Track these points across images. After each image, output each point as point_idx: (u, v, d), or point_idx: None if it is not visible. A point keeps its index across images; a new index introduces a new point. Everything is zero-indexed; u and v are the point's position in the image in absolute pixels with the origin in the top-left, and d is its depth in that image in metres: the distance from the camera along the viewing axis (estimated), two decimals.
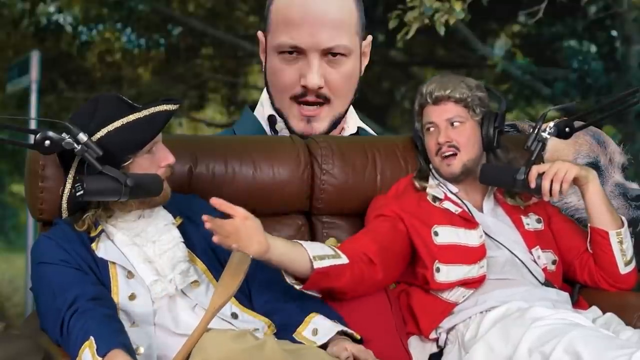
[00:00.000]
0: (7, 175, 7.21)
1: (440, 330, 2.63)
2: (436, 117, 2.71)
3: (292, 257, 2.41)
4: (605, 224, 2.68)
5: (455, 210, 2.70)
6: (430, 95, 2.72)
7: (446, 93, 2.70)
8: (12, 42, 7.10)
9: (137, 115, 2.35)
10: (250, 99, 6.60)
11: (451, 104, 2.70)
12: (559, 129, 2.70)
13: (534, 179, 2.62)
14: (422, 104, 2.75)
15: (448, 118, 2.70)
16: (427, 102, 2.73)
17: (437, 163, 2.74)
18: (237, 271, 2.29)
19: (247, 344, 2.11)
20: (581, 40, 7.09)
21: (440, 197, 2.73)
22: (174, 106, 2.39)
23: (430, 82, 2.76)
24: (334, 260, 2.46)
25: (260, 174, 2.83)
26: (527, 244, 2.72)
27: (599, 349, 2.24)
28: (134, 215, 2.42)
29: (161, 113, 2.36)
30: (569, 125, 2.71)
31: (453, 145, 2.69)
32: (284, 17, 3.12)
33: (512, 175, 2.65)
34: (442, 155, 2.71)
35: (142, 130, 2.33)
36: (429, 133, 2.74)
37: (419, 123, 2.79)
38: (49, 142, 2.28)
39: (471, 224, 2.68)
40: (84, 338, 2.17)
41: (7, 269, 6.86)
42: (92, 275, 2.34)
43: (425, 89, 2.74)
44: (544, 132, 2.67)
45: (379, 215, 2.70)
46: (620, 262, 2.69)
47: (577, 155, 3.27)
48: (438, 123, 2.71)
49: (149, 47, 7.34)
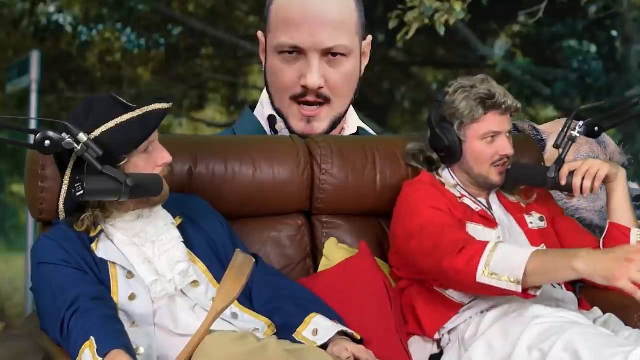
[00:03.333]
0: (7, 175, 7.22)
1: (444, 331, 2.62)
2: (501, 127, 2.67)
3: None
4: (628, 222, 2.69)
5: (475, 208, 2.70)
6: (504, 103, 2.64)
7: (514, 104, 2.66)
8: (12, 42, 7.10)
9: (131, 115, 2.34)
10: (250, 99, 6.60)
11: (508, 115, 2.69)
12: (588, 128, 2.72)
13: (565, 177, 2.64)
14: (487, 110, 2.65)
15: (509, 130, 2.69)
16: (496, 110, 2.65)
17: (486, 171, 2.69)
18: (240, 275, 2.27)
19: (250, 346, 2.11)
20: (581, 40, 7.10)
21: (458, 195, 2.72)
22: (167, 105, 2.38)
23: (490, 88, 2.64)
24: None
25: (260, 174, 2.83)
26: (531, 242, 2.71)
27: (597, 347, 2.24)
28: (134, 215, 2.42)
29: (155, 112, 2.36)
30: (599, 124, 2.73)
31: (509, 157, 2.70)
32: (284, 17, 3.12)
33: (543, 173, 2.67)
34: (496, 165, 2.69)
35: (136, 129, 2.33)
36: (487, 141, 2.67)
37: (463, 129, 2.67)
38: (49, 142, 2.27)
39: (491, 223, 2.68)
40: (85, 338, 2.17)
41: (7, 269, 6.86)
42: (92, 275, 2.34)
43: (497, 98, 2.63)
44: (574, 131, 2.68)
45: (436, 209, 2.60)
46: None
47: (577, 155, 3.27)
48: (502, 133, 2.68)
49: (149, 47, 7.35)
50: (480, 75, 2.72)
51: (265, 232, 2.86)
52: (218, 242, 2.53)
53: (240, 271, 2.27)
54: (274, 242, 2.86)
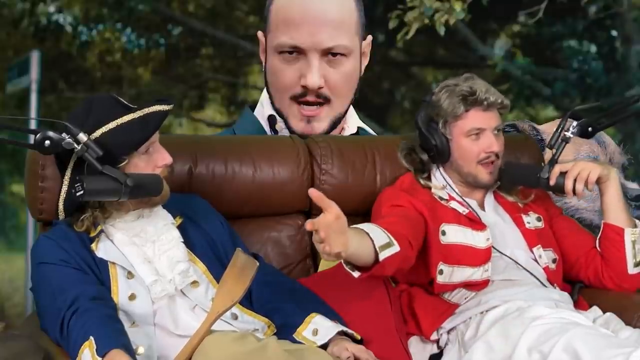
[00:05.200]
0: (7, 175, 7.22)
1: (442, 331, 2.63)
2: (486, 124, 2.66)
3: (361, 250, 2.32)
4: (622, 222, 2.68)
5: (462, 210, 2.70)
6: (486, 100, 2.64)
7: (497, 100, 2.66)
8: (12, 42, 7.10)
9: (132, 116, 2.34)
10: (250, 99, 6.60)
11: (495, 112, 2.68)
12: (582, 129, 2.71)
13: (555, 177, 2.63)
14: (468, 107, 2.66)
15: (495, 126, 2.68)
16: (477, 107, 2.66)
17: (474, 169, 2.70)
18: (242, 276, 2.25)
19: (249, 346, 2.10)
20: (581, 40, 7.10)
21: (445, 197, 2.72)
22: (167, 106, 2.38)
23: (473, 85, 2.65)
24: (390, 250, 2.38)
25: (260, 174, 2.83)
26: (528, 242, 2.72)
27: (597, 348, 2.24)
28: (134, 215, 2.42)
29: (155, 113, 2.36)
30: (592, 125, 2.72)
31: (497, 155, 2.69)
32: (284, 17, 3.12)
33: (535, 173, 2.66)
34: (483, 163, 2.69)
35: (136, 130, 2.33)
36: (472, 138, 2.68)
37: (447, 127, 2.68)
38: (49, 142, 2.27)
39: (479, 226, 2.67)
40: (84, 338, 2.17)
41: (7, 269, 6.86)
42: (92, 275, 2.34)
43: (478, 94, 2.64)
44: (567, 132, 2.67)
45: (396, 206, 2.64)
46: (630, 261, 2.68)
47: (577, 155, 3.27)
48: (487, 129, 2.67)
49: (149, 47, 7.35)
50: (466, 74, 2.73)
51: (265, 232, 2.86)
52: (218, 242, 2.53)
53: (242, 273, 2.26)
54: (274, 242, 2.86)
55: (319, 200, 2.17)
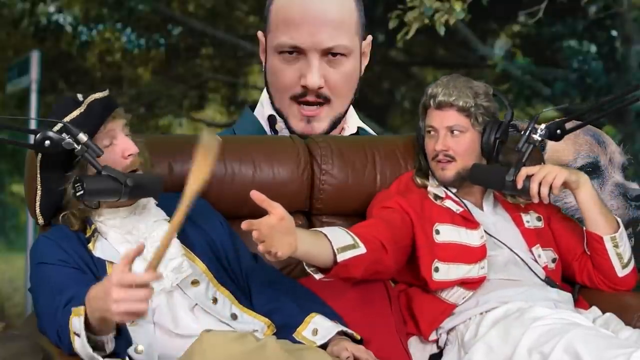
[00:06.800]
0: (7, 175, 7.21)
1: (441, 331, 2.63)
2: (437, 123, 2.70)
3: (317, 251, 2.33)
4: (600, 229, 2.66)
5: (456, 209, 2.70)
6: (434, 99, 2.69)
7: (449, 100, 2.67)
8: (12, 42, 7.09)
9: (80, 110, 2.35)
10: (250, 99, 6.59)
11: (453, 112, 2.68)
12: (550, 131, 2.68)
13: (521, 180, 2.61)
14: (425, 106, 2.73)
15: (449, 126, 2.68)
16: (430, 105, 2.71)
17: (433, 166, 2.74)
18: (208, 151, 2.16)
19: (249, 345, 2.10)
20: (581, 40, 7.09)
21: (441, 195, 2.73)
22: (102, 94, 2.38)
23: (437, 84, 2.72)
24: (354, 251, 2.40)
25: (260, 174, 2.83)
26: (527, 242, 2.72)
27: (598, 349, 2.24)
28: (125, 212, 2.42)
29: (95, 102, 2.36)
30: (560, 127, 2.69)
31: (449, 155, 2.68)
32: (283, 17, 3.12)
33: (501, 176, 2.64)
34: (436, 160, 2.71)
35: (85, 123, 2.33)
36: (429, 136, 2.73)
37: (422, 122, 2.76)
38: (49, 142, 2.28)
39: (472, 224, 2.68)
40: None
41: (7, 269, 6.85)
42: (90, 274, 2.34)
43: (430, 91, 2.71)
44: (535, 135, 2.66)
45: (385, 208, 2.68)
46: (618, 266, 2.68)
47: (577, 156, 3.27)
48: (438, 129, 2.69)
49: (149, 47, 7.34)
50: (453, 74, 2.77)
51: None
52: (218, 242, 2.53)
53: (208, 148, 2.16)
54: None
55: (260, 202, 2.18)
